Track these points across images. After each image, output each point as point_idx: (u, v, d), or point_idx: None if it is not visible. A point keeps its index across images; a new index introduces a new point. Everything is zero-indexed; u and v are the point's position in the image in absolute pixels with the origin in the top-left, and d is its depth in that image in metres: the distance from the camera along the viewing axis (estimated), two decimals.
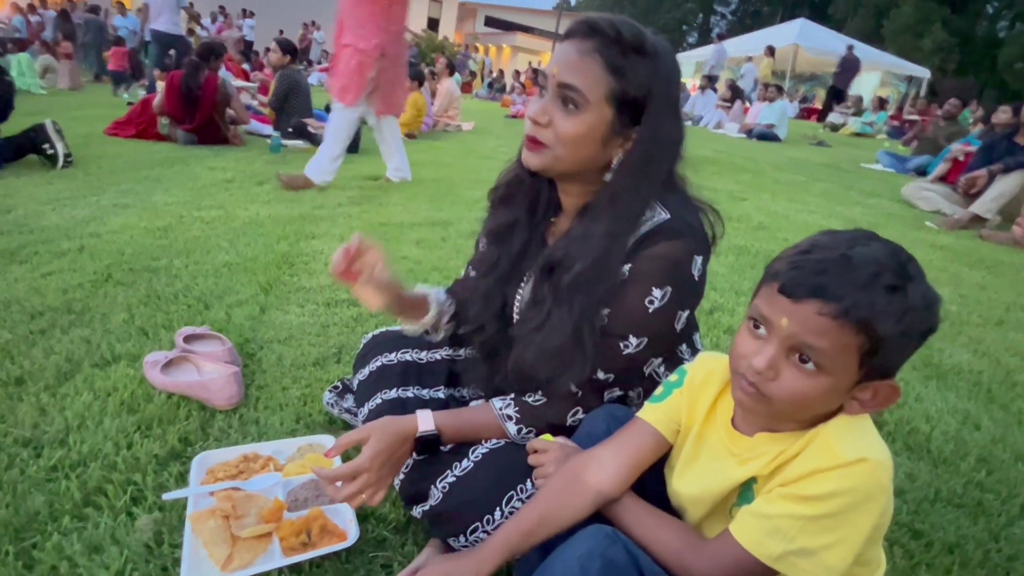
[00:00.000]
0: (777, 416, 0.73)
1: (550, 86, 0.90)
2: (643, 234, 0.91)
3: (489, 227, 1.11)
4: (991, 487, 1.33)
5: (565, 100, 0.89)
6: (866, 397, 0.68)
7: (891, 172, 6.93)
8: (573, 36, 0.90)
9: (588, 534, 0.78)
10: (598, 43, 0.87)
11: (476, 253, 1.19)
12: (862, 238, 0.67)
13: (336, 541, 0.98)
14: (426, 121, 6.69)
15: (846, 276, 0.63)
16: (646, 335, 0.93)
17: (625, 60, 0.87)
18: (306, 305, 1.93)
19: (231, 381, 1.34)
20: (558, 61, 0.89)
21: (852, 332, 0.63)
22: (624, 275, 0.91)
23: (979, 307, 2.53)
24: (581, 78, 0.87)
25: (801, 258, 0.67)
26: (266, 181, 3.69)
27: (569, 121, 0.89)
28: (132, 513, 1.03)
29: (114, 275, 2.02)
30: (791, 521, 0.67)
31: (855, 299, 0.62)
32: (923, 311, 0.64)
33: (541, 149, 0.91)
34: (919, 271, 0.66)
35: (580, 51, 0.88)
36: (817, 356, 0.65)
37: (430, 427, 0.98)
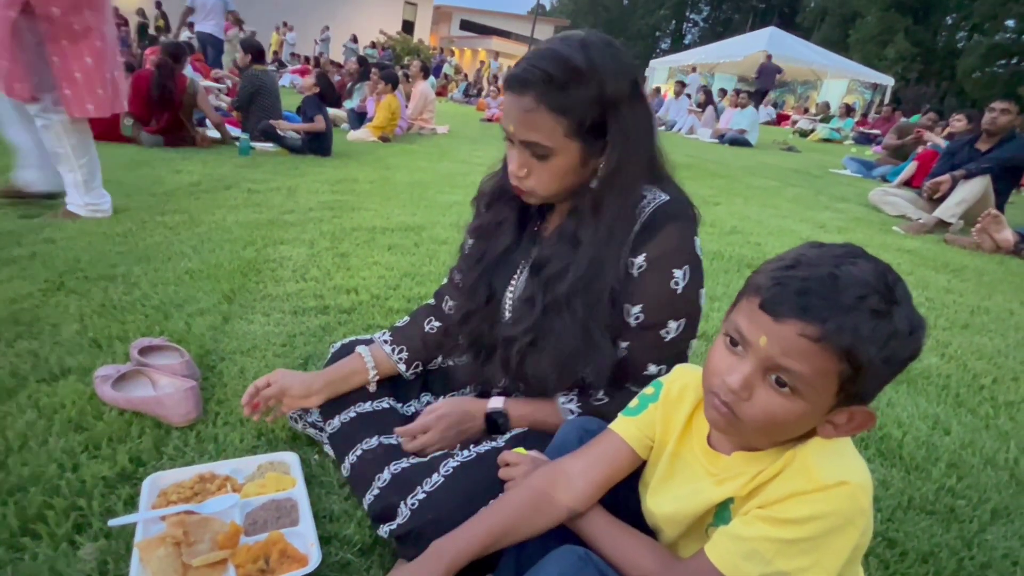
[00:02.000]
0: (747, 437, 0.71)
1: (513, 139, 0.94)
2: (647, 218, 0.94)
3: (475, 225, 1.13)
4: (962, 493, 1.33)
5: (533, 153, 0.92)
6: (841, 421, 0.66)
7: (858, 177, 7.09)
8: (511, 92, 0.91)
9: (560, 556, 0.75)
10: (536, 93, 0.88)
11: (461, 256, 1.19)
12: (850, 256, 0.64)
13: (296, 567, 0.93)
14: (400, 124, 6.62)
15: (831, 297, 0.60)
16: (683, 316, 0.96)
17: (567, 96, 0.88)
18: (272, 314, 1.87)
19: (187, 396, 1.27)
20: (510, 119, 0.92)
21: (834, 357, 0.60)
22: (642, 266, 0.94)
23: (945, 311, 2.57)
24: (536, 133, 0.90)
25: (785, 274, 0.64)
26: (234, 185, 3.59)
27: (544, 168, 0.93)
28: (75, 542, 0.96)
29: (67, 283, 1.92)
30: (768, 544, 0.65)
31: (839, 323, 0.59)
32: (907, 337, 0.61)
33: (533, 197, 0.98)
34: (906, 294, 0.63)
35: (523, 108, 0.89)
36: (794, 379, 0.62)
37: (498, 405, 1.07)
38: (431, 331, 1.22)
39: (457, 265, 1.20)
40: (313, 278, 2.20)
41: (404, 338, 1.21)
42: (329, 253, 2.50)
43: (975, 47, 30.30)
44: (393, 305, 2.01)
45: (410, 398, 1.21)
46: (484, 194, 1.12)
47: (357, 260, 2.44)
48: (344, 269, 2.33)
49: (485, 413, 1.08)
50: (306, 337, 1.73)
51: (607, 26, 47.89)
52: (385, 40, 19.28)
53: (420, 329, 1.22)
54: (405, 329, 1.23)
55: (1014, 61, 29.86)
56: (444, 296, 1.23)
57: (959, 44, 32.83)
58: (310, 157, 4.86)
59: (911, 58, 30.10)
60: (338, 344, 1.29)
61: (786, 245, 3.42)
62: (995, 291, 2.96)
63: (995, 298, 2.84)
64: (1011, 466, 1.46)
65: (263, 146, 4.92)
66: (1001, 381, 1.94)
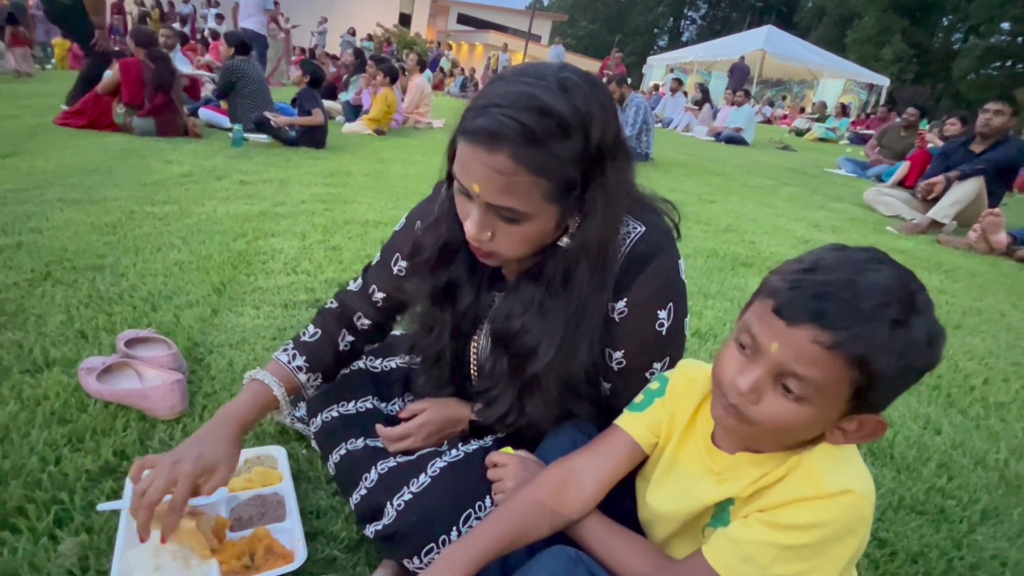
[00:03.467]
0: (755, 439, 0.69)
1: (475, 199, 0.76)
2: (625, 259, 0.85)
3: (423, 289, 0.97)
4: (952, 493, 1.33)
5: (507, 218, 0.76)
6: (851, 428, 0.64)
7: (853, 177, 7.10)
8: (478, 145, 0.71)
9: (549, 557, 0.73)
10: (511, 152, 0.70)
11: (383, 269, 1.07)
12: (873, 261, 0.61)
13: (282, 563, 0.91)
14: (396, 118, 6.58)
15: (849, 304, 0.58)
16: (668, 355, 0.91)
17: (549, 154, 0.72)
18: (262, 307, 1.85)
19: (174, 389, 1.25)
20: (475, 178, 0.73)
21: (847, 365, 0.58)
22: (623, 311, 0.86)
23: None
24: (510, 198, 0.73)
25: (802, 277, 0.61)
26: (225, 176, 3.55)
27: (513, 232, 0.78)
28: (55, 536, 0.94)
29: (54, 273, 1.89)
30: (768, 549, 0.64)
31: (856, 331, 0.57)
32: (925, 348, 0.59)
33: (494, 259, 0.83)
34: (927, 303, 0.60)
35: (495, 168, 0.71)
36: (805, 386, 0.60)
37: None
38: (346, 348, 1.10)
39: (377, 282, 1.07)
40: (304, 271, 2.18)
41: (315, 357, 1.06)
42: (321, 246, 2.48)
43: (971, 49, 30.47)
44: None
45: (393, 397, 1.18)
46: (423, 249, 0.94)
47: (350, 254, 2.42)
48: (336, 262, 2.30)
49: (469, 420, 1.05)
50: (296, 331, 1.70)
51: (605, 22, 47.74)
52: (382, 33, 19.16)
53: (334, 347, 1.09)
54: (315, 346, 1.07)
55: (1009, 63, 30.03)
56: (357, 312, 1.09)
57: (955, 46, 33.01)
58: (303, 149, 4.82)
59: (907, 59, 30.23)
60: None
61: (781, 244, 3.42)
62: (987, 292, 2.97)
63: (987, 299, 2.85)
64: (1001, 467, 1.46)
65: (256, 137, 4.88)
66: (992, 382, 1.94)
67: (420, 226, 0.99)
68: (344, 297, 1.11)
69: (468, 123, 0.74)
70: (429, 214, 0.98)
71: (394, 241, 1.07)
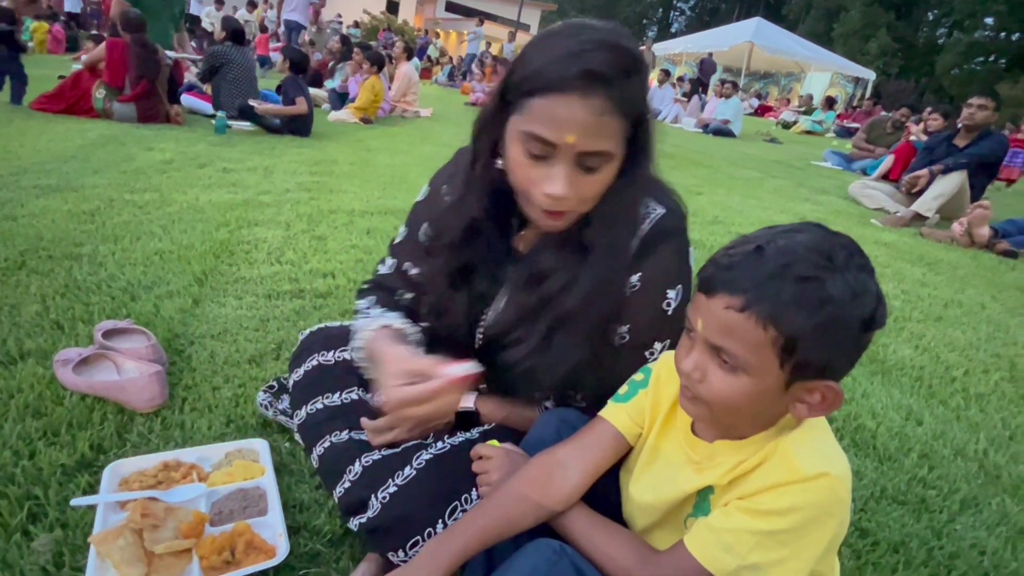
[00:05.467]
0: (719, 422, 0.70)
1: (564, 155, 0.76)
2: (646, 235, 0.87)
3: (442, 269, 0.96)
4: (933, 483, 1.35)
5: (587, 166, 0.77)
6: (815, 400, 0.65)
7: (838, 170, 7.16)
8: (571, 94, 0.72)
9: (533, 550, 0.73)
10: (607, 91, 0.73)
11: (411, 244, 1.05)
12: (792, 229, 0.64)
13: (263, 558, 0.90)
14: (383, 106, 6.51)
15: (754, 268, 0.61)
16: (669, 337, 0.90)
17: (631, 91, 0.75)
18: (244, 297, 1.81)
19: (152, 381, 1.22)
20: (570, 128, 0.73)
21: (759, 326, 0.60)
22: (634, 286, 0.87)
23: (920, 303, 2.61)
24: (607, 140, 0.76)
25: (721, 253, 0.66)
26: (208, 164, 3.49)
27: (591, 183, 0.79)
28: (29, 532, 0.92)
29: (28, 262, 1.85)
30: (747, 536, 0.64)
31: (758, 291, 0.60)
32: (849, 302, 0.59)
33: (564, 216, 0.82)
34: (853, 262, 0.61)
35: (594, 111, 0.73)
36: (733, 356, 0.63)
37: (469, 404, 1.01)
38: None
39: (410, 257, 1.04)
40: (288, 261, 2.15)
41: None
42: (306, 235, 2.44)
43: (955, 44, 30.78)
44: None
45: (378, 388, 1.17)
46: (446, 230, 0.93)
47: (335, 243, 2.39)
48: (321, 252, 2.27)
49: (455, 412, 1.03)
50: (279, 321, 1.69)
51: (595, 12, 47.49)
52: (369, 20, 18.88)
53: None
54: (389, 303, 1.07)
55: (992, 59, 30.39)
56: (397, 290, 1.08)
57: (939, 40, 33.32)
58: (288, 137, 4.75)
59: (892, 53, 30.47)
60: (306, 332, 1.25)
61: None
62: (968, 285, 3.01)
63: (968, 292, 2.89)
64: (980, 457, 1.48)
65: (240, 124, 4.79)
66: (972, 373, 1.97)
67: (446, 190, 0.98)
68: (380, 280, 1.10)
69: (550, 76, 0.73)
70: (455, 179, 0.95)
71: (418, 211, 1.05)
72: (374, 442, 1.02)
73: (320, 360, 1.16)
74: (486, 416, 1.04)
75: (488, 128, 0.85)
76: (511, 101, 0.79)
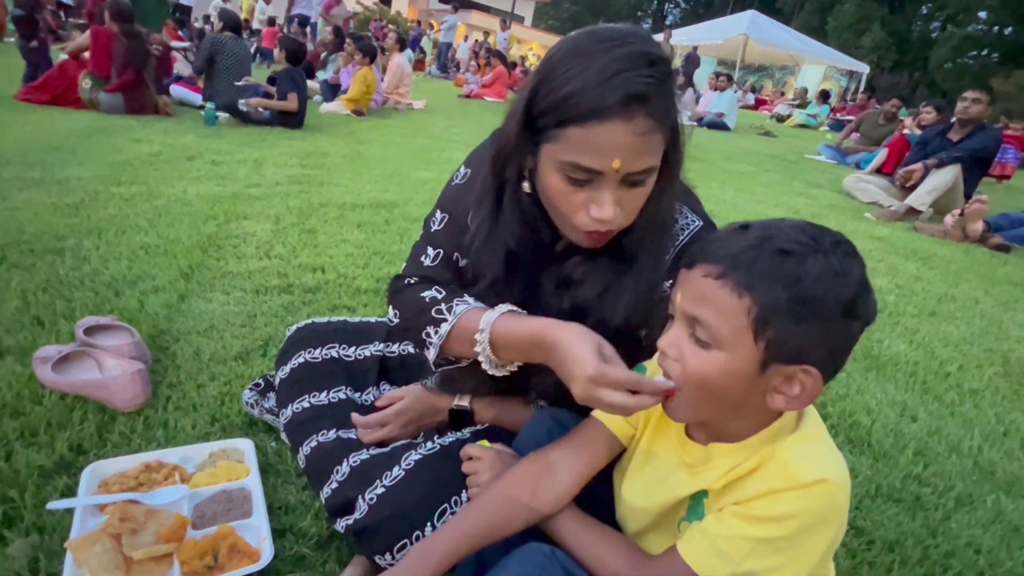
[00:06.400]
0: (699, 413, 0.68)
1: (609, 180, 0.72)
2: (682, 247, 0.85)
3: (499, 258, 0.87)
4: (928, 480, 1.34)
5: (633, 183, 0.73)
6: (793, 392, 0.62)
7: (833, 164, 7.16)
8: (614, 119, 0.68)
9: (523, 554, 0.71)
10: (648, 109, 0.69)
11: (455, 233, 0.93)
12: (785, 220, 0.64)
13: (247, 563, 0.88)
14: (375, 98, 6.44)
15: (735, 241, 0.62)
16: None
17: (667, 100, 0.72)
18: (232, 292, 1.78)
19: (135, 379, 1.19)
20: (616, 153, 0.69)
21: (734, 294, 0.60)
22: (664, 293, 0.83)
23: (914, 298, 2.60)
24: (648, 157, 0.72)
25: (707, 236, 0.68)
26: (197, 156, 3.43)
27: (634, 198, 0.75)
28: (4, 537, 0.89)
29: (9, 256, 1.80)
30: (742, 542, 0.62)
31: (735, 260, 0.60)
32: (827, 279, 0.58)
33: (606, 237, 0.79)
34: (840, 249, 0.60)
35: (637, 131, 0.69)
36: (708, 329, 0.62)
37: (464, 403, 1.00)
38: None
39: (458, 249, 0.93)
40: (277, 255, 2.11)
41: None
42: (295, 229, 2.40)
43: (948, 38, 30.85)
44: (361, 284, 1.94)
45: (367, 386, 1.15)
46: (488, 270, 0.86)
47: (325, 237, 2.35)
48: (311, 246, 2.24)
49: (449, 409, 1.02)
50: (267, 317, 1.65)
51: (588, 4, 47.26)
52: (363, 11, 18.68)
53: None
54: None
55: (985, 52, 30.48)
56: (448, 284, 0.95)
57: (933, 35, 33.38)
58: (279, 129, 4.69)
59: (886, 47, 30.50)
60: (293, 328, 1.23)
61: None
62: (961, 279, 3.01)
63: (961, 286, 2.89)
64: (975, 454, 1.47)
65: (225, 116, 4.72)
66: (966, 368, 1.97)
67: (472, 217, 0.87)
68: (427, 273, 0.94)
69: (587, 104, 0.68)
70: (480, 209, 0.86)
71: (457, 196, 0.93)
72: (365, 439, 1.00)
73: (307, 357, 1.14)
74: (479, 415, 1.02)
75: (514, 158, 0.80)
76: (542, 128, 0.74)
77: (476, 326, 0.83)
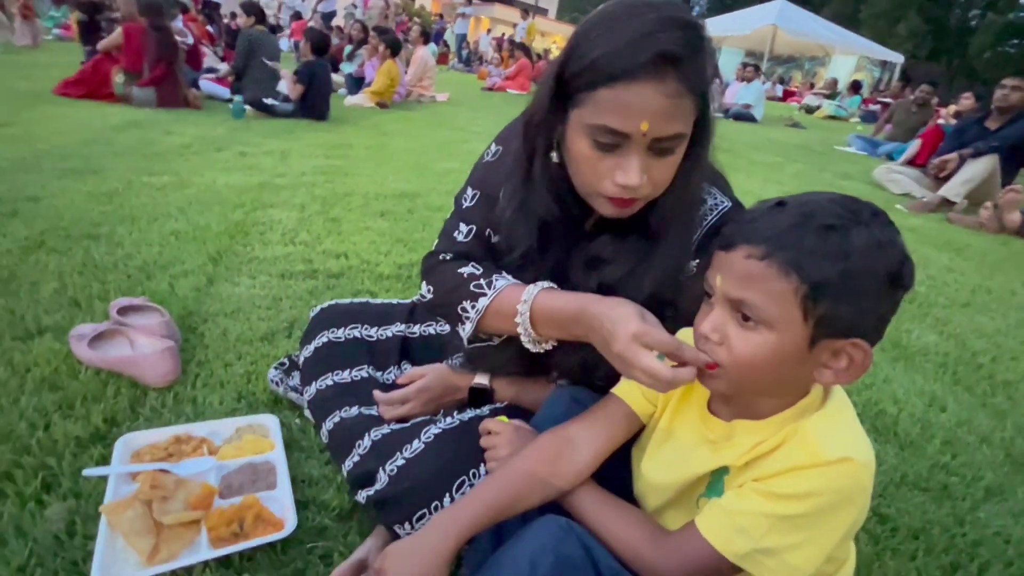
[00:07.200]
0: (741, 388, 0.67)
1: (637, 144, 0.71)
2: (712, 227, 0.84)
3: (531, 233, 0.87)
4: (956, 470, 1.31)
5: (661, 150, 0.73)
6: (840, 365, 0.62)
7: (863, 155, 6.98)
8: (644, 80, 0.67)
9: (540, 526, 0.71)
10: (676, 71, 0.68)
11: (485, 208, 0.93)
12: (817, 193, 0.63)
13: (271, 531, 0.90)
14: (399, 91, 6.48)
15: (776, 219, 0.60)
16: None
17: (698, 66, 0.70)
18: (258, 276, 1.82)
19: (165, 356, 1.23)
20: (643, 115, 0.68)
21: (781, 274, 0.58)
22: (691, 271, 0.83)
23: (946, 289, 2.53)
24: (679, 123, 0.72)
25: (740, 214, 0.65)
26: (225, 147, 3.51)
27: (663, 166, 0.74)
28: (43, 501, 0.93)
29: (48, 242, 1.87)
30: (761, 519, 0.62)
31: (780, 239, 0.59)
32: (874, 251, 0.58)
33: (635, 203, 0.78)
34: (877, 219, 0.60)
35: (667, 93, 0.68)
36: (754, 310, 0.60)
37: (484, 382, 1.01)
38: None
39: (490, 224, 0.93)
40: (302, 242, 2.15)
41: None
42: (320, 217, 2.44)
43: (988, 25, 29.75)
44: (383, 271, 1.97)
45: (389, 365, 1.17)
46: (521, 242, 0.87)
47: (348, 225, 2.39)
48: (335, 234, 2.27)
49: (469, 387, 1.03)
50: (292, 300, 1.69)
51: None
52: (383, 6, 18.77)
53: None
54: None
55: None
56: (481, 260, 0.95)
57: (972, 22, 32.20)
58: (305, 121, 4.75)
59: (923, 35, 29.54)
60: (317, 308, 1.25)
61: None
62: (997, 271, 2.92)
63: (997, 278, 2.80)
64: (1007, 445, 1.44)
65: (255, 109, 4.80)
66: (1000, 360, 1.91)
67: (503, 196, 0.88)
68: (461, 249, 0.94)
69: (618, 64, 0.68)
70: (511, 183, 0.87)
71: (488, 174, 0.93)
72: (386, 416, 1.02)
73: (330, 337, 1.16)
74: (499, 393, 1.03)
75: (544, 127, 0.79)
76: (570, 95, 0.73)
77: (517, 300, 0.83)
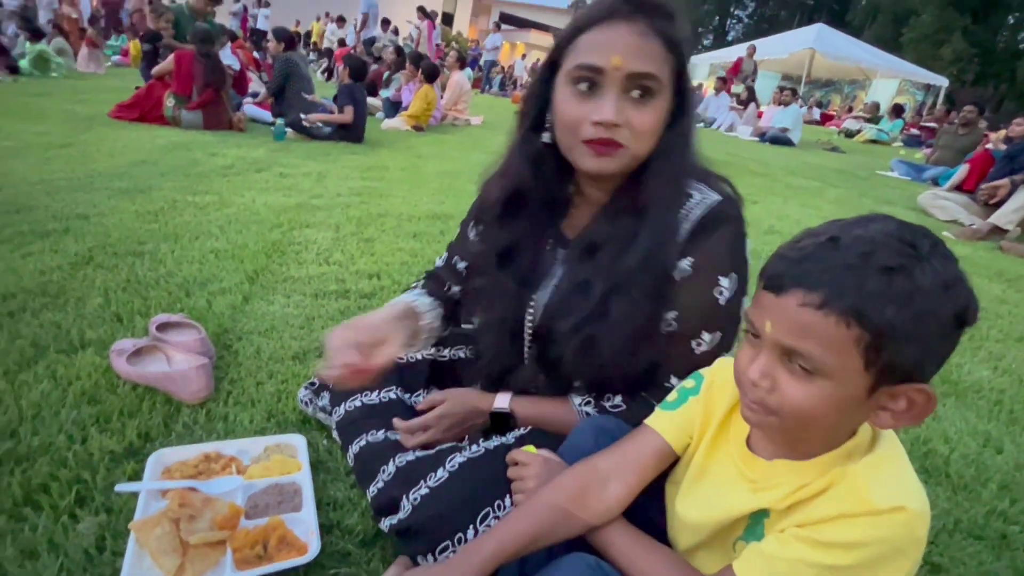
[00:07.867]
0: (791, 433, 0.63)
1: (611, 81, 0.79)
2: (699, 220, 0.84)
3: (489, 248, 0.98)
4: (1015, 518, 1.22)
5: (641, 91, 0.80)
6: (900, 408, 0.57)
7: (907, 180, 6.77)
8: (617, 21, 0.79)
9: (568, 564, 0.69)
10: (650, 19, 0.79)
11: (462, 241, 1.10)
12: (865, 219, 0.58)
13: (295, 555, 0.89)
14: (435, 114, 6.61)
15: (831, 260, 0.55)
16: (719, 329, 0.86)
17: (674, 30, 0.81)
18: (292, 295, 1.85)
19: (199, 374, 1.25)
20: (616, 50, 0.78)
21: (841, 324, 0.53)
22: (686, 271, 0.84)
23: (999, 321, 2.41)
24: (651, 63, 0.79)
25: (788, 247, 0.59)
26: (266, 169, 3.62)
27: (643, 115, 0.81)
28: (76, 515, 0.94)
29: (96, 258, 1.94)
30: (805, 568, 0.58)
31: (838, 285, 0.53)
32: (941, 291, 0.53)
33: (617, 150, 0.82)
34: (937, 251, 0.54)
35: (637, 32, 0.78)
36: (810, 358, 0.55)
37: (504, 405, 1.00)
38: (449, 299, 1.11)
39: (458, 250, 1.10)
40: (336, 262, 2.18)
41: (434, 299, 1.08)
42: (354, 238, 2.48)
43: None
44: None
45: (417, 388, 1.16)
46: (493, 203, 0.95)
47: (382, 246, 2.42)
48: (368, 254, 2.30)
49: (490, 412, 1.01)
50: (324, 320, 1.71)
51: None
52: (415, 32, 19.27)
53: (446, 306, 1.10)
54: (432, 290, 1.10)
55: None
56: (446, 282, 1.11)
57: (1020, 46, 31.25)
58: (342, 144, 4.87)
59: (968, 59, 28.73)
60: None
61: None
62: None
63: None
64: None
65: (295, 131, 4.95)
66: None
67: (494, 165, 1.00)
68: (433, 271, 1.14)
69: (594, 12, 0.80)
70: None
71: (470, 211, 1.09)
72: (407, 443, 1.00)
73: None
74: (521, 416, 1.01)
75: (537, 92, 0.89)
76: (559, 60, 0.84)
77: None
